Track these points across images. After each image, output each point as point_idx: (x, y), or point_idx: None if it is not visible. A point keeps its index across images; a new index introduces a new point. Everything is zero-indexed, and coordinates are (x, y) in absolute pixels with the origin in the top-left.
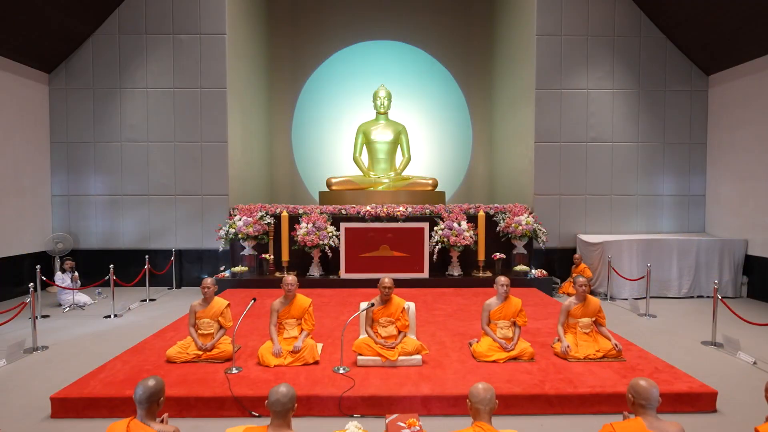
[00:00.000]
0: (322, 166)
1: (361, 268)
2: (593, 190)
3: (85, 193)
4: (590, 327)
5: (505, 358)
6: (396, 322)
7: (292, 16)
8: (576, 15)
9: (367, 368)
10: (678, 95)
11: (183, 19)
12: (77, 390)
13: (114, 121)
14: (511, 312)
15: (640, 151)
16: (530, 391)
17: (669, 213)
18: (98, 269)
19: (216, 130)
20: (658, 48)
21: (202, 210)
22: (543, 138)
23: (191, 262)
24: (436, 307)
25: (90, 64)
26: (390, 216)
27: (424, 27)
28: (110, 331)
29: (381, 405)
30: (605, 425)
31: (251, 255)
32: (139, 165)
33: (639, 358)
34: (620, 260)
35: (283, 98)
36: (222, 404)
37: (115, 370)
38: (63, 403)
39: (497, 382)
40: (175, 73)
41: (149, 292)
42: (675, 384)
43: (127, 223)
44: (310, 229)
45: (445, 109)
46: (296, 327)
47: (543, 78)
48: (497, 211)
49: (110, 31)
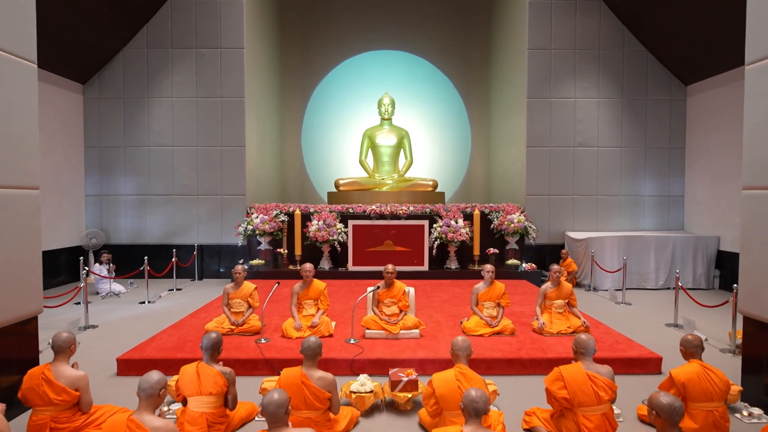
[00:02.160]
0: (330, 168)
1: (367, 261)
2: (580, 191)
3: (115, 193)
4: (563, 307)
5: (490, 332)
6: (398, 303)
7: (302, 28)
8: (564, 30)
9: (373, 340)
10: (658, 104)
11: (205, 35)
12: (137, 353)
13: (142, 128)
14: (496, 294)
15: (623, 155)
16: (508, 356)
17: (650, 212)
18: (128, 262)
19: (234, 136)
20: (639, 60)
21: (222, 208)
22: (534, 143)
23: (211, 256)
24: (434, 295)
25: (121, 76)
26: (393, 214)
27: (426, 37)
28: (147, 314)
29: (385, 366)
30: (555, 368)
31: (267, 250)
32: (164, 167)
33: (604, 333)
34: (603, 255)
35: (293, 105)
36: (255, 365)
37: (163, 340)
38: (126, 364)
39: (481, 350)
40: (198, 84)
41: (176, 283)
42: (629, 351)
43: (154, 220)
44: (321, 226)
45: (445, 114)
46: (313, 306)
47: (534, 88)
48: (491, 210)
49: (139, 46)
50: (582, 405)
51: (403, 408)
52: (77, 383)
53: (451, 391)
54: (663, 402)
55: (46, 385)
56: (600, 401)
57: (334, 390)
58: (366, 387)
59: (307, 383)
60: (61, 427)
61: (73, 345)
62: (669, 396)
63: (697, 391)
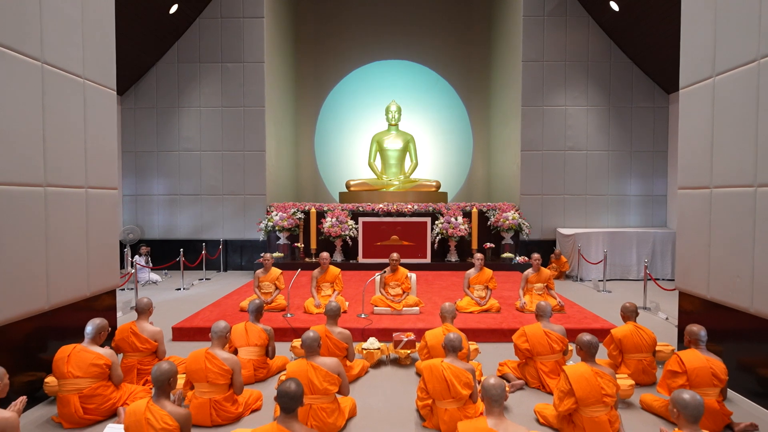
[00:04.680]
0: (340, 170)
1: (376, 254)
2: (570, 191)
3: (149, 193)
4: (542, 290)
5: (479, 310)
6: (401, 285)
7: (315, 40)
8: (555, 44)
9: (380, 315)
10: (643, 111)
11: (229, 50)
12: (188, 323)
13: (173, 134)
14: (485, 279)
15: (610, 158)
16: (491, 327)
17: (635, 210)
18: (161, 255)
19: (255, 141)
20: (625, 71)
21: (244, 207)
22: (528, 147)
23: (235, 250)
24: (435, 282)
25: (154, 88)
26: (399, 212)
27: (430, 48)
28: (185, 298)
29: (390, 334)
30: (520, 327)
31: (285, 244)
32: (193, 170)
33: (577, 312)
34: (589, 249)
35: (307, 111)
36: (284, 333)
37: (206, 314)
38: (180, 331)
39: (471, 323)
40: (223, 95)
41: (205, 273)
42: (593, 324)
43: (183, 217)
44: (334, 223)
45: (448, 120)
46: (330, 288)
47: (528, 97)
48: (488, 208)
49: (170, 61)
50: (539, 354)
51: (403, 362)
52: (156, 336)
53: (438, 343)
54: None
55: (133, 336)
56: (553, 351)
57: (350, 342)
58: (374, 345)
59: (329, 336)
60: (145, 368)
61: (151, 308)
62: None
63: (630, 344)
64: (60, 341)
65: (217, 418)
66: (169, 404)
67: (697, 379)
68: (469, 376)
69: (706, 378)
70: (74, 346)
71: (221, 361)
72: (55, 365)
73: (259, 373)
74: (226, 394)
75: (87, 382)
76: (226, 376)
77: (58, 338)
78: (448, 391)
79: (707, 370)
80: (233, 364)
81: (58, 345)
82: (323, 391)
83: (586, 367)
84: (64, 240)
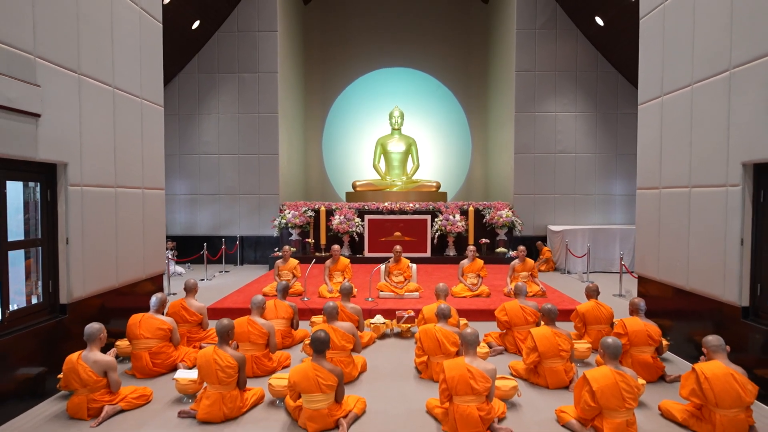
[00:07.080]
0: (347, 171)
1: (380, 248)
2: (560, 190)
3: (171, 193)
4: (527, 278)
5: (471, 295)
6: (403, 273)
7: (323, 49)
8: (546, 55)
9: (385, 299)
10: (627, 116)
11: (245, 61)
12: (220, 305)
13: (193, 139)
14: (476, 268)
15: (597, 161)
16: (481, 308)
17: (620, 209)
18: (182, 250)
19: (269, 145)
20: (611, 80)
21: (259, 206)
22: (521, 150)
23: (250, 245)
24: (434, 274)
25: (176, 96)
26: (402, 210)
27: (431, 56)
28: (209, 287)
29: (393, 314)
30: (501, 304)
31: (297, 240)
32: (211, 171)
33: (557, 297)
34: (576, 244)
35: (315, 116)
36: (303, 313)
37: (233, 298)
38: (214, 311)
39: (463, 306)
40: (239, 103)
41: (224, 267)
42: (568, 306)
43: (203, 215)
44: (342, 220)
45: (448, 124)
46: (341, 276)
47: (521, 104)
48: (484, 207)
49: (192, 71)
50: (516, 325)
51: (404, 335)
52: (201, 310)
53: (433, 313)
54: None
55: (184, 311)
56: (527, 323)
57: (360, 315)
58: (380, 320)
59: (343, 309)
60: (193, 336)
61: (197, 287)
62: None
63: (591, 317)
64: (122, 316)
65: (257, 371)
66: (230, 349)
67: (636, 339)
68: (456, 337)
69: (643, 338)
70: (143, 315)
71: (260, 325)
72: (129, 329)
73: (286, 341)
74: (264, 351)
75: (154, 342)
76: (263, 337)
77: (122, 312)
78: (439, 348)
79: (644, 333)
80: (269, 328)
81: (122, 318)
82: (341, 347)
83: (547, 329)
84: (128, 231)
